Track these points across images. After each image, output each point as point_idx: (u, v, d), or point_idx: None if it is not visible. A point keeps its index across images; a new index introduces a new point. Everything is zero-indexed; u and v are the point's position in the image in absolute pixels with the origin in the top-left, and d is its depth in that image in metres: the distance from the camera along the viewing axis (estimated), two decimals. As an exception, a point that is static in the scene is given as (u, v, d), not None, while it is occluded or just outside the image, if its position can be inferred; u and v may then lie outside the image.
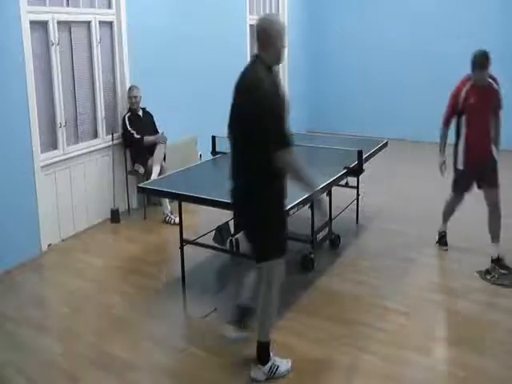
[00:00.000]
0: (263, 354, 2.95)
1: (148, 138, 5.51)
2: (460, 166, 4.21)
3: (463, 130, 4.15)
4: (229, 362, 3.15)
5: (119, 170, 5.65)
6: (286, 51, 2.82)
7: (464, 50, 4.64)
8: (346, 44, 9.31)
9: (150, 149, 5.54)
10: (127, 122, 5.49)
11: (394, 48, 8.78)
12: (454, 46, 8.08)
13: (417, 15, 8.57)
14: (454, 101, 4.16)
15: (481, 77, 3.99)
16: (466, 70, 4.07)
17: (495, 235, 4.18)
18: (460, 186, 4.31)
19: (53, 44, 4.83)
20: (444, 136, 4.31)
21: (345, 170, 4.26)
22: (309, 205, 4.01)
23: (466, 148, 4.16)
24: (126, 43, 5.60)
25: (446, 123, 4.28)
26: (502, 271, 4.06)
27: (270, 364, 2.95)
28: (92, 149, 5.38)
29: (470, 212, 4.07)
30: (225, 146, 5.01)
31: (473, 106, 4.05)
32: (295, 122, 10.64)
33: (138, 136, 5.48)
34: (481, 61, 3.92)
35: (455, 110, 4.16)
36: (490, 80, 4.07)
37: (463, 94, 4.08)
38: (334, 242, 4.71)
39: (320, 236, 4.36)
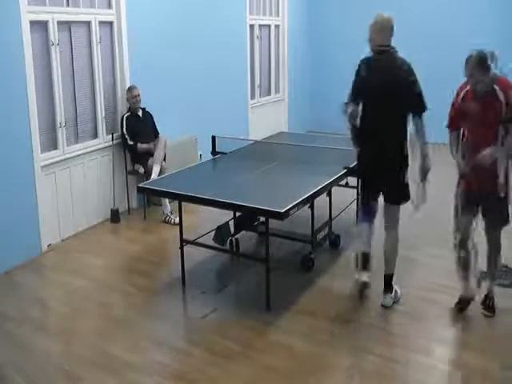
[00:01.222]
0: (389, 284, 3.77)
1: (142, 146, 5.50)
2: (457, 187, 3.55)
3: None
4: (228, 362, 3.16)
5: (119, 170, 5.65)
6: (287, 52, 2.89)
7: (465, 49, 4.59)
8: (347, 46, 9.27)
9: (149, 149, 5.54)
10: (124, 125, 5.47)
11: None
12: (454, 46, 8.07)
13: (417, 17, 8.57)
14: (453, 107, 3.48)
15: (474, 86, 3.23)
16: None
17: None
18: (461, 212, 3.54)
19: (53, 44, 4.83)
20: (450, 141, 3.52)
21: (345, 170, 4.26)
22: (308, 205, 4.03)
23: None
24: (126, 43, 5.59)
25: (449, 126, 3.54)
26: (502, 270, 4.05)
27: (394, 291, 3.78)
28: (92, 149, 5.37)
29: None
30: (225, 145, 5.05)
31: (469, 117, 3.33)
32: (297, 122, 10.63)
33: (131, 142, 5.47)
34: (472, 66, 3.15)
35: (457, 116, 3.45)
36: (496, 86, 3.19)
37: (459, 102, 3.38)
38: (334, 242, 4.71)
39: (320, 236, 4.36)
